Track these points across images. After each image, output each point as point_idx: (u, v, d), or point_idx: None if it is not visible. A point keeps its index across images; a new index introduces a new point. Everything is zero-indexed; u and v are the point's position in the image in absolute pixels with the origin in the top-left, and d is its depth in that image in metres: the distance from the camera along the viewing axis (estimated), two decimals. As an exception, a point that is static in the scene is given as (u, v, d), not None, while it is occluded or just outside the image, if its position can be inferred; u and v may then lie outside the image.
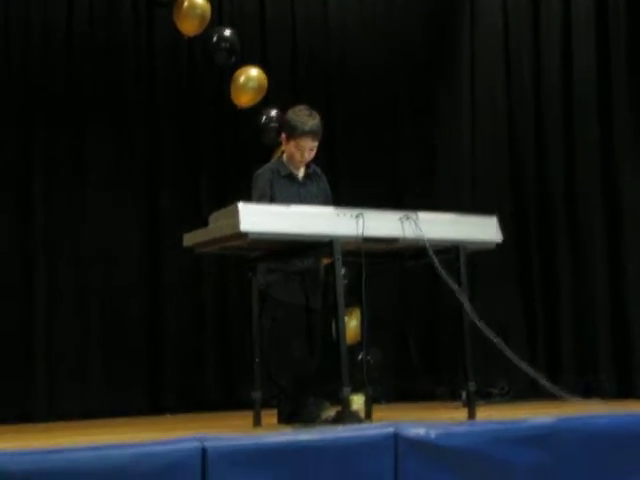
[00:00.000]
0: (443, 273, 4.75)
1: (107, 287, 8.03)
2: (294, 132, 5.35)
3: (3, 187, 7.72)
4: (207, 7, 8.02)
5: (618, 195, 7.26)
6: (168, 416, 7.60)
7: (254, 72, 8.18)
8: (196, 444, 3.47)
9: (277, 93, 8.30)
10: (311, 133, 5.35)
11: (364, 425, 4.29)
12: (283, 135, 5.47)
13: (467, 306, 4.83)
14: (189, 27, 8.03)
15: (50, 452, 3.29)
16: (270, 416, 5.33)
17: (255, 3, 8.92)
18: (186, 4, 7.95)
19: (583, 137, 7.57)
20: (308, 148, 5.38)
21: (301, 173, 5.50)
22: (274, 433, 3.86)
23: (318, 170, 5.62)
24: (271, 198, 5.32)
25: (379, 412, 5.56)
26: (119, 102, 8.29)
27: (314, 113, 5.42)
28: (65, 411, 7.39)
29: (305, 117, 5.37)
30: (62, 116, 8.01)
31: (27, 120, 7.90)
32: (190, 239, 4.95)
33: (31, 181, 7.84)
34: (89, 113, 8.14)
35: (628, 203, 7.18)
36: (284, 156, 5.52)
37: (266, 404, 5.22)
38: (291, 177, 5.46)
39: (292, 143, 5.38)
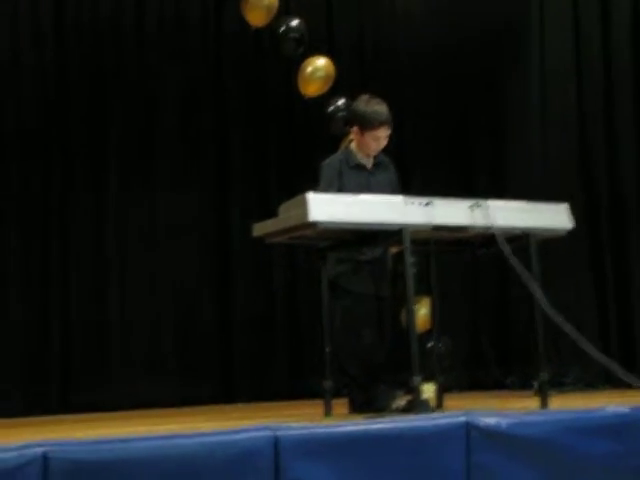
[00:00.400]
0: (514, 261, 4.71)
1: (179, 278, 8.12)
2: (371, 124, 5.35)
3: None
4: (274, -3, 8.05)
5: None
6: (240, 405, 7.65)
7: (321, 62, 8.18)
8: (268, 433, 3.51)
9: (345, 82, 8.28)
10: (387, 122, 5.37)
11: (435, 414, 4.28)
12: (355, 128, 5.45)
13: (538, 294, 4.79)
14: (256, 18, 8.06)
15: (125, 441, 3.34)
16: (341, 405, 5.33)
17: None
18: (253, -5, 7.99)
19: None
20: (384, 136, 5.40)
21: (370, 162, 5.50)
22: (345, 422, 3.87)
23: (386, 159, 5.61)
24: (340, 188, 5.33)
25: (450, 401, 5.54)
26: (188, 93, 8.37)
27: (381, 101, 5.43)
28: (139, 400, 7.47)
29: (377, 106, 5.38)
30: (133, 107, 8.12)
31: (99, 113, 8.02)
32: (260, 229, 4.97)
33: (107, 170, 7.99)
34: (159, 104, 8.23)
35: None
36: (352, 146, 5.51)
37: (337, 393, 5.22)
38: (360, 167, 5.46)
39: (368, 134, 5.38)
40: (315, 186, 5.32)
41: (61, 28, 7.91)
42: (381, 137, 5.38)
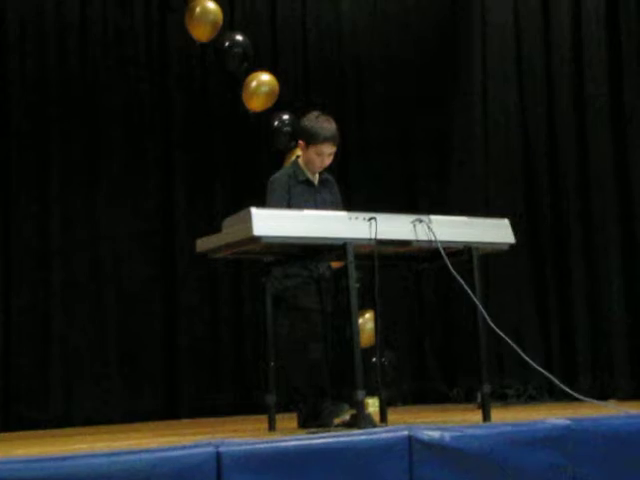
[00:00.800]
0: (456, 275, 4.75)
1: (123, 293, 8.07)
2: (315, 139, 5.36)
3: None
4: (219, 12, 8.07)
5: (631, 197, 7.25)
6: (184, 421, 7.63)
7: (266, 77, 8.21)
8: (211, 449, 3.48)
9: (289, 98, 8.31)
10: (332, 139, 5.37)
11: (378, 428, 4.27)
12: (301, 142, 5.47)
13: (480, 308, 4.83)
14: (201, 33, 8.07)
15: (66, 458, 3.30)
16: (286, 420, 5.34)
17: (266, 8, 8.96)
18: (198, 9, 8.00)
19: (595, 142, 7.56)
20: (328, 154, 5.41)
21: (316, 179, 5.52)
22: (288, 437, 3.85)
23: (330, 177, 5.64)
24: (289, 203, 5.34)
25: (394, 415, 5.56)
26: (133, 108, 8.34)
27: (330, 119, 5.44)
28: (83, 417, 7.44)
29: (324, 123, 5.39)
30: (78, 123, 8.06)
31: (43, 126, 7.95)
32: (203, 245, 4.95)
33: (49, 185, 7.90)
34: (103, 120, 8.18)
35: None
36: (300, 161, 5.53)
37: (282, 408, 5.22)
38: (308, 182, 5.48)
39: (312, 149, 5.40)
40: (261, 201, 5.33)
41: (5, 37, 7.84)
42: (325, 153, 5.39)
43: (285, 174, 5.51)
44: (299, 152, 5.59)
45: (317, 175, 5.52)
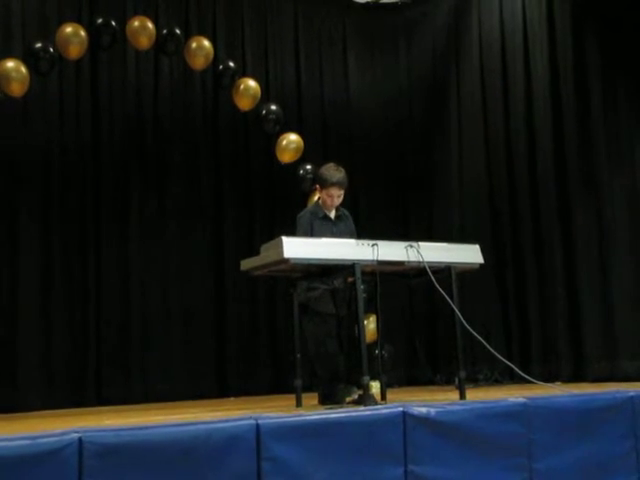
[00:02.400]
0: (439, 288, 4.74)
1: (185, 300, 8.06)
2: (325, 183, 5.38)
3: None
4: (257, 88, 8.11)
5: (569, 221, 7.24)
6: (232, 399, 7.61)
7: (293, 137, 8.23)
8: (252, 421, 3.49)
9: (311, 152, 8.32)
10: (337, 184, 5.37)
11: (379, 405, 4.26)
12: (317, 186, 5.49)
13: (457, 313, 4.82)
14: (244, 103, 8.11)
15: (143, 428, 3.32)
16: (309, 398, 5.31)
17: (294, 85, 8.98)
18: (242, 87, 8.04)
19: (544, 181, 7.55)
20: (336, 195, 5.40)
21: (333, 214, 5.51)
22: (310, 412, 3.85)
23: (346, 212, 5.64)
24: (311, 233, 5.34)
25: (392, 395, 5.53)
26: (193, 161, 8.36)
27: (340, 168, 5.44)
28: (156, 395, 7.43)
29: (333, 171, 5.39)
30: (151, 175, 8.11)
31: (126, 176, 8.00)
32: (246, 264, 4.96)
33: (127, 222, 7.93)
34: (170, 171, 8.21)
35: (579, 230, 7.16)
36: (319, 201, 5.54)
37: (307, 389, 5.20)
38: (326, 217, 5.47)
39: (324, 192, 5.41)
40: (290, 231, 5.33)
41: (98, 113, 7.91)
42: (333, 195, 5.38)
43: (308, 211, 5.52)
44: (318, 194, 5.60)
45: (334, 211, 5.52)
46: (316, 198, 5.66)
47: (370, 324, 6.90)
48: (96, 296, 7.64)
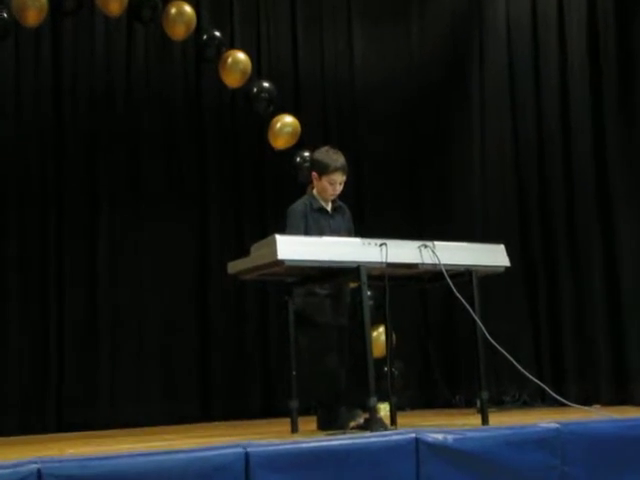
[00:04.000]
0: (458, 294, 4.74)
1: (164, 310, 8.07)
2: (326, 169, 5.38)
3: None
4: (248, 62, 8.10)
5: (612, 222, 7.21)
6: (216, 423, 7.60)
7: (289, 119, 8.23)
8: (240, 449, 3.48)
9: (309, 137, 8.32)
10: (341, 169, 5.39)
11: (389, 431, 4.25)
12: (314, 173, 5.48)
13: (480, 324, 4.81)
14: (232, 80, 8.11)
15: (111, 458, 3.30)
16: (307, 423, 5.31)
17: (289, 59, 8.99)
18: (230, 60, 8.04)
19: (581, 175, 7.53)
20: (339, 182, 5.41)
21: (329, 206, 5.52)
22: (309, 439, 3.84)
23: (343, 205, 5.65)
24: (306, 228, 5.34)
25: (403, 419, 5.52)
26: (173, 146, 8.39)
27: (338, 151, 5.47)
28: (127, 420, 7.40)
29: (334, 155, 5.41)
30: (123, 159, 8.12)
31: (93, 164, 8.01)
32: (234, 267, 4.96)
33: (96, 213, 7.95)
34: (146, 156, 8.23)
35: (621, 231, 7.13)
36: (314, 192, 5.53)
37: (303, 412, 5.20)
38: (322, 210, 5.48)
39: (324, 179, 5.40)
40: (283, 228, 5.33)
41: (60, 89, 7.91)
42: (336, 182, 5.39)
43: (301, 204, 5.51)
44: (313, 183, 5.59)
45: (330, 203, 5.52)
46: (310, 188, 5.64)
47: (379, 337, 6.89)
48: (57, 302, 7.64)
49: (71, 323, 7.67)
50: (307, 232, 5.28)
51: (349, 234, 5.48)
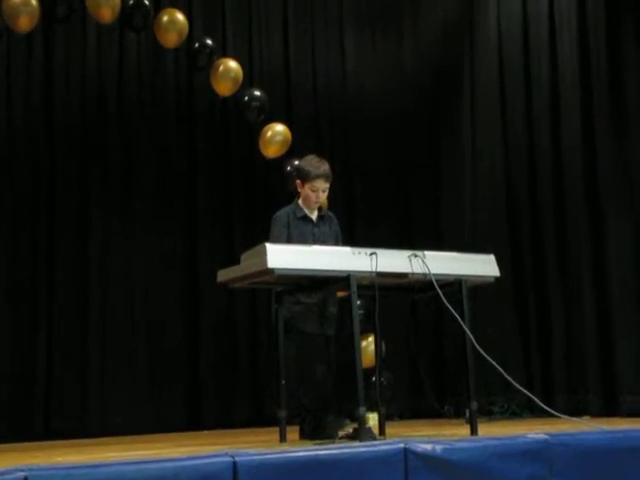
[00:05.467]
0: (448, 304, 4.74)
1: (153, 317, 8.05)
2: (309, 176, 5.40)
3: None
4: (239, 71, 8.11)
5: (602, 235, 7.23)
6: (205, 432, 7.58)
7: (280, 127, 8.23)
8: (228, 459, 3.47)
9: (300, 146, 8.32)
10: (323, 176, 5.41)
11: (377, 441, 4.24)
12: (298, 181, 5.50)
13: (469, 334, 4.81)
14: (224, 88, 8.11)
15: (97, 466, 3.29)
16: (295, 432, 5.30)
17: (281, 67, 9.01)
18: (221, 68, 8.05)
19: (571, 188, 7.55)
20: (321, 190, 5.43)
21: (314, 215, 5.53)
22: (297, 448, 3.83)
23: (330, 214, 5.67)
24: (288, 238, 5.35)
25: (392, 429, 5.51)
26: (162, 154, 8.37)
27: (323, 160, 5.50)
28: (117, 427, 7.38)
29: (316, 163, 5.45)
30: (115, 166, 8.12)
31: (85, 169, 8.01)
32: (223, 275, 4.95)
33: (87, 220, 7.93)
34: (136, 164, 8.22)
35: (612, 243, 7.15)
36: (299, 200, 5.54)
37: (290, 421, 5.18)
38: (306, 218, 5.49)
39: (307, 186, 5.42)
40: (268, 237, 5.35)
41: (52, 95, 7.90)
42: (319, 189, 5.41)
43: (285, 212, 5.52)
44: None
45: (316, 212, 5.53)
46: (297, 197, 5.65)
47: (368, 346, 6.89)
48: (47, 310, 7.62)
49: (60, 330, 7.64)
50: (289, 240, 5.32)
51: (336, 242, 5.49)
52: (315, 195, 5.43)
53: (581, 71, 7.50)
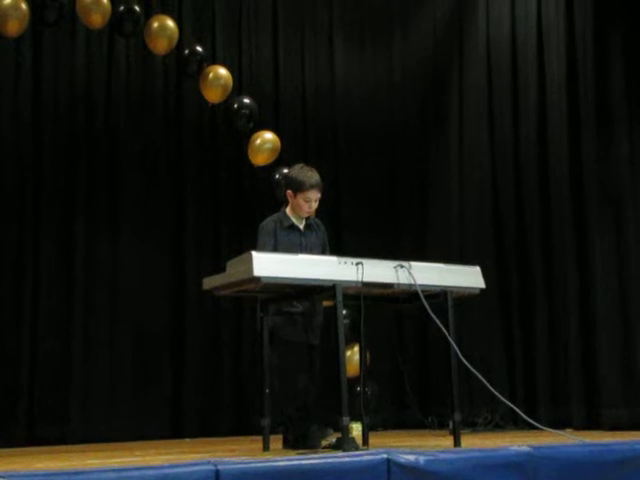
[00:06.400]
0: (433, 315, 4.74)
1: (138, 325, 8.02)
2: (301, 187, 5.37)
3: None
4: (229, 78, 8.11)
5: (587, 247, 7.25)
6: (187, 440, 7.55)
7: (269, 135, 8.24)
8: (210, 467, 3.45)
9: (289, 154, 8.33)
10: (316, 186, 5.39)
11: (361, 451, 4.23)
12: (289, 191, 5.47)
13: (454, 345, 4.81)
14: (213, 95, 8.12)
15: (79, 473, 3.27)
16: (279, 441, 5.29)
17: (271, 75, 9.02)
18: (211, 75, 8.05)
19: (557, 199, 7.58)
20: (314, 200, 5.42)
21: (302, 224, 5.51)
22: (280, 458, 3.81)
23: (318, 221, 5.64)
24: (274, 246, 5.34)
25: (375, 439, 5.51)
26: (150, 160, 8.36)
27: (313, 169, 5.48)
28: (99, 435, 7.35)
29: (308, 172, 5.42)
30: (102, 172, 8.10)
31: (72, 174, 7.97)
32: (209, 283, 4.94)
33: (73, 225, 7.89)
34: (124, 169, 8.19)
35: (597, 256, 7.16)
36: (287, 209, 5.53)
37: (273, 430, 5.17)
38: (293, 227, 5.47)
39: (300, 197, 5.40)
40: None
41: (39, 100, 7.87)
42: (312, 199, 5.40)
43: (272, 221, 5.50)
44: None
45: (304, 220, 5.52)
46: (285, 206, 5.63)
47: (353, 356, 6.89)
48: (31, 315, 7.57)
49: (44, 338, 7.59)
50: (276, 249, 5.29)
51: (323, 251, 5.49)
52: (308, 205, 5.41)
53: (568, 77, 7.53)
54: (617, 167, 7.11)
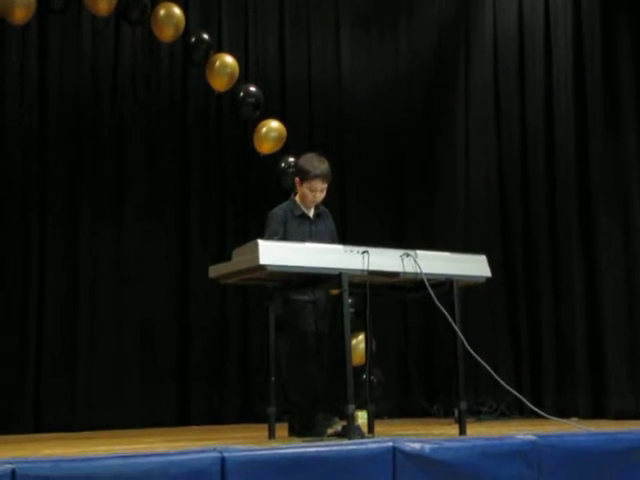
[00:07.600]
0: (439, 304, 4.74)
1: (143, 313, 8.03)
2: (307, 175, 5.38)
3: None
4: (236, 66, 8.09)
5: (593, 237, 7.25)
6: (194, 427, 7.58)
7: (275, 124, 8.22)
8: (216, 454, 3.47)
9: (295, 142, 8.32)
10: (322, 176, 5.38)
11: (366, 439, 4.25)
12: (297, 179, 5.49)
13: (460, 334, 4.82)
14: (219, 83, 8.10)
15: (86, 460, 3.29)
16: (284, 429, 5.30)
17: (277, 64, 9.00)
18: (217, 63, 8.03)
19: (563, 191, 7.57)
20: (319, 189, 5.41)
21: (312, 212, 5.52)
22: (286, 445, 3.83)
23: (326, 210, 5.65)
24: (284, 235, 5.34)
25: (380, 427, 5.52)
26: (157, 148, 8.34)
27: (323, 159, 5.46)
28: (106, 422, 7.37)
29: (316, 162, 5.41)
30: (107, 158, 8.09)
31: (76, 159, 7.97)
32: (215, 271, 4.95)
33: (78, 213, 7.91)
34: (129, 156, 8.19)
35: (603, 246, 7.15)
36: (297, 198, 5.53)
37: (279, 418, 5.18)
38: (303, 216, 5.48)
39: (305, 185, 5.41)
40: (263, 233, 5.34)
41: (45, 88, 7.87)
42: (317, 189, 5.39)
43: (282, 209, 5.51)
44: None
45: (313, 209, 5.52)
46: (294, 194, 5.64)
47: (358, 344, 6.89)
48: (37, 304, 7.59)
49: (50, 326, 7.62)
50: (286, 238, 5.29)
51: (332, 239, 5.48)
52: (312, 195, 5.42)
53: (575, 73, 7.50)
54: (624, 157, 7.08)
